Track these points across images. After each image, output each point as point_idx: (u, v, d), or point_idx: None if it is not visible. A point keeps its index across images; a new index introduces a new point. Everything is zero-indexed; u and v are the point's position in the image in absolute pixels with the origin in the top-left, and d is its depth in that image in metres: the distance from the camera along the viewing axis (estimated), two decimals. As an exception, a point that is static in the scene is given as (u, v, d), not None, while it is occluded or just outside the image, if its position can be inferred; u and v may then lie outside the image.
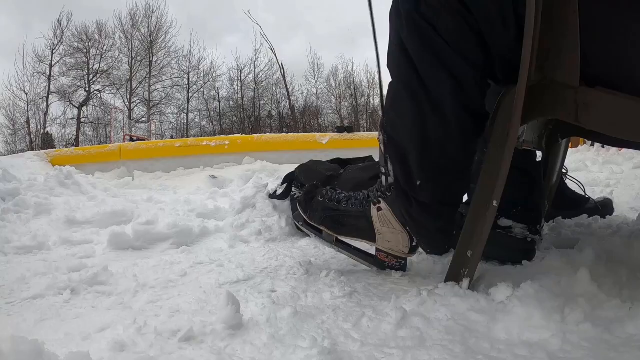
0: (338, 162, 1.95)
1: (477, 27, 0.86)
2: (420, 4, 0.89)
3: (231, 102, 27.69)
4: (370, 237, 1.08)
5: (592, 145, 4.16)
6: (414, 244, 1.06)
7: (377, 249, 1.11)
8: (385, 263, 1.11)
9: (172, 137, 23.75)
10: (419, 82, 0.92)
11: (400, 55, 0.93)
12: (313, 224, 1.15)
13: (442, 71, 0.89)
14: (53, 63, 23.83)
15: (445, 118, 0.92)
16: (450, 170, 0.98)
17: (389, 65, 0.98)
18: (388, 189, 1.05)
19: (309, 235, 1.24)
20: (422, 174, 0.97)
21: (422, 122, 0.94)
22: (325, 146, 5.17)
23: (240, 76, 27.48)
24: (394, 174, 1.02)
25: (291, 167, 1.94)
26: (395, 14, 0.94)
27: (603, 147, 3.93)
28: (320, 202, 1.14)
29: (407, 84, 0.94)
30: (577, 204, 1.66)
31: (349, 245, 1.18)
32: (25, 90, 23.65)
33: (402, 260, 1.10)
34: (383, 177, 1.05)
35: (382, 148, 1.04)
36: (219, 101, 27.48)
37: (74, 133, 24.52)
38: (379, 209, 1.06)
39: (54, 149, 7.85)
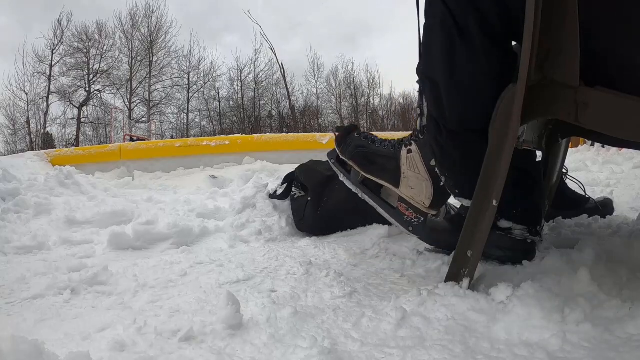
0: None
1: None
2: None
3: (231, 102, 27.73)
4: (395, 179, 1.08)
5: (592, 145, 4.16)
6: (437, 199, 1.05)
7: (399, 201, 1.10)
8: (405, 217, 1.10)
9: (172, 137, 23.77)
10: (448, 14, 0.93)
11: None
12: (344, 158, 1.16)
13: (468, 4, 0.90)
14: (53, 63, 23.86)
15: (472, 42, 0.92)
16: (476, 91, 0.97)
17: (425, 10, 1.00)
18: (422, 131, 1.05)
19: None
20: (450, 98, 0.97)
21: (450, 47, 0.94)
22: (326, 146, 5.17)
23: (241, 76, 27.52)
24: (427, 108, 1.01)
25: (291, 167, 1.94)
26: None
27: (603, 147, 3.93)
28: (356, 138, 1.16)
29: (436, 17, 0.95)
30: (577, 204, 1.65)
31: (373, 192, 1.17)
32: (26, 90, 23.69)
33: (421, 216, 1.09)
34: (417, 121, 1.06)
35: (419, 90, 1.04)
36: (219, 101, 27.50)
37: (74, 133, 24.53)
38: (409, 151, 1.07)
39: (54, 149, 7.85)
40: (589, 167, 3.37)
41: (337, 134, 1.22)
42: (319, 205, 1.65)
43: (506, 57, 0.95)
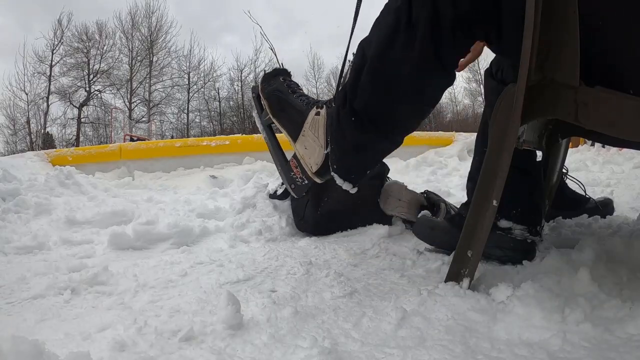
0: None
1: None
2: None
3: (231, 102, 27.71)
4: (295, 134, 1.09)
5: (593, 145, 4.16)
6: (324, 169, 1.06)
7: (292, 156, 1.12)
8: (292, 173, 1.12)
9: (172, 137, 23.76)
10: (407, 1, 0.92)
11: None
12: (262, 95, 1.18)
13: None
14: (53, 63, 23.85)
15: (414, 41, 0.91)
16: (394, 93, 0.96)
17: None
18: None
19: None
20: (368, 85, 0.97)
21: (393, 35, 0.93)
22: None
23: (241, 76, 27.51)
24: (348, 77, 1.02)
25: (291, 167, 1.94)
26: None
27: (603, 146, 3.92)
28: (280, 82, 1.17)
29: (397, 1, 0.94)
30: (577, 204, 1.66)
31: (275, 139, 1.20)
32: (26, 91, 23.68)
33: (306, 180, 1.10)
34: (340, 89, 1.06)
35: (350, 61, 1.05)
36: (219, 101, 27.49)
37: (74, 133, 24.53)
38: (317, 114, 1.07)
39: (54, 149, 7.84)
40: (589, 167, 3.37)
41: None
42: (319, 205, 1.64)
43: (440, 71, 0.94)
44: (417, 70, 0.93)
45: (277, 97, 1.15)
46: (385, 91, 0.97)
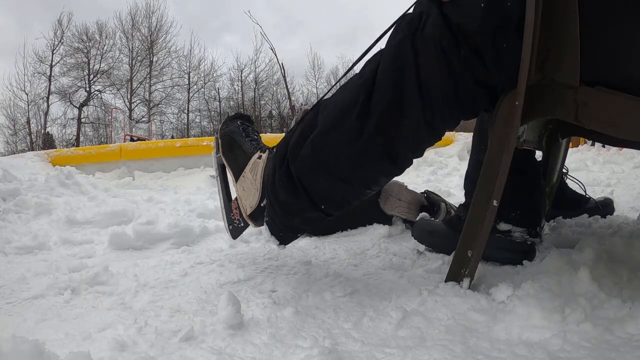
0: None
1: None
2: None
3: (232, 102, 27.71)
4: (237, 174, 1.12)
5: (593, 144, 4.15)
6: (258, 214, 1.07)
7: (235, 197, 1.14)
8: (232, 214, 1.14)
9: (172, 137, 23.77)
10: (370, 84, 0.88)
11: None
12: (218, 134, 1.22)
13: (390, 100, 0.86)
14: (53, 63, 23.88)
15: (363, 130, 0.88)
16: (334, 173, 0.93)
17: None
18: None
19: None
20: (309, 157, 0.94)
21: (347, 113, 0.90)
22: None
23: (241, 76, 27.53)
24: (293, 135, 1.00)
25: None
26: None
27: (603, 146, 3.92)
28: (238, 125, 1.21)
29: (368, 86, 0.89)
30: (577, 204, 1.66)
31: (225, 179, 1.23)
32: (26, 91, 23.71)
33: (242, 223, 1.12)
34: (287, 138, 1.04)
35: (305, 111, 1.04)
36: (220, 101, 27.50)
37: (75, 133, 24.54)
38: (259, 157, 1.09)
39: (55, 149, 7.84)
40: (589, 167, 3.37)
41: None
42: (319, 205, 1.65)
43: (388, 165, 0.91)
44: (362, 158, 0.90)
45: (229, 138, 1.19)
46: (324, 169, 0.93)
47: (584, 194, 1.70)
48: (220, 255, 1.40)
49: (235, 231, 1.16)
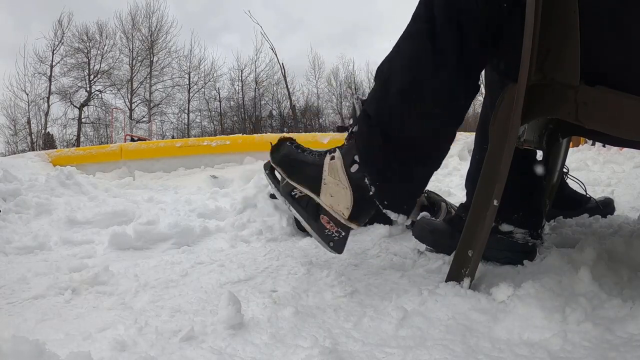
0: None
1: None
2: None
3: (232, 102, 27.76)
4: (316, 186, 1.06)
5: (593, 144, 4.15)
6: (358, 211, 1.02)
7: (321, 212, 1.07)
8: (326, 230, 1.06)
9: (173, 137, 23.78)
10: (431, 20, 0.91)
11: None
12: (272, 163, 1.15)
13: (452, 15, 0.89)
14: (54, 63, 23.90)
15: (445, 63, 0.91)
16: (430, 115, 0.96)
17: (413, 14, 0.97)
18: (347, 138, 1.04)
19: (271, 187, 1.21)
20: (399, 110, 0.96)
21: (421, 58, 0.93)
22: (326, 146, 5.13)
23: (241, 76, 27.54)
24: (372, 112, 1.00)
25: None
26: None
27: (604, 146, 3.92)
28: (287, 146, 1.15)
29: (419, 22, 0.94)
30: (578, 204, 1.65)
31: (299, 204, 1.13)
32: (26, 91, 23.73)
33: (342, 230, 1.06)
34: (348, 132, 1.03)
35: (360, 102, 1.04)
36: (220, 101, 27.52)
37: (75, 133, 24.57)
38: (332, 158, 1.05)
39: (55, 149, 7.85)
40: (589, 167, 3.37)
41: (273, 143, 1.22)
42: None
43: (471, 88, 0.95)
44: (449, 90, 0.93)
45: (287, 160, 1.12)
46: (421, 115, 0.95)
47: (584, 193, 1.69)
48: (221, 255, 1.40)
49: (339, 244, 1.06)
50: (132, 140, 13.44)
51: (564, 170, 1.60)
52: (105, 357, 0.72)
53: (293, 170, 1.10)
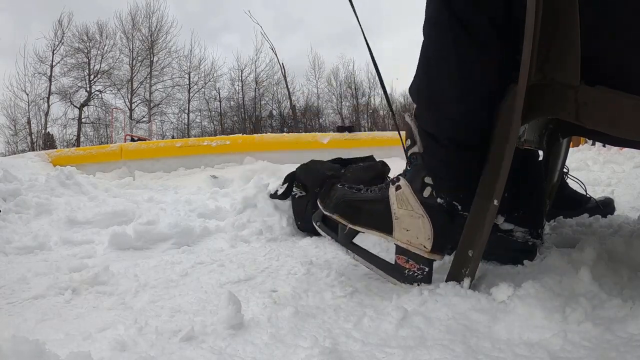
0: (339, 161, 1.95)
1: None
2: None
3: (232, 102, 27.76)
4: (387, 225, 0.94)
5: (593, 144, 4.15)
6: (441, 240, 0.93)
7: (396, 253, 0.98)
8: (406, 271, 0.96)
9: (173, 137, 23.79)
10: (453, 15, 0.85)
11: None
12: (327, 212, 1.03)
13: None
14: (54, 63, 23.89)
15: (478, 38, 0.85)
16: (479, 90, 0.89)
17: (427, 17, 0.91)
18: (410, 162, 0.96)
19: (318, 235, 1.10)
20: (450, 105, 0.89)
21: (456, 49, 0.87)
22: (326, 146, 5.17)
23: (241, 76, 27.54)
24: (432, 128, 0.92)
25: (292, 167, 1.94)
26: None
27: (604, 146, 3.92)
28: (339, 188, 1.03)
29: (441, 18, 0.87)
30: (578, 203, 1.65)
31: (366, 251, 1.05)
32: (26, 91, 23.72)
33: (424, 266, 0.96)
34: (409, 153, 0.95)
35: (411, 119, 0.96)
36: (220, 101, 27.52)
37: (75, 133, 24.57)
38: (398, 187, 0.95)
39: (55, 149, 7.86)
40: (590, 167, 3.37)
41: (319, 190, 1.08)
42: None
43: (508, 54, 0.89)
44: (494, 70, 0.87)
45: (344, 203, 1.00)
46: (473, 101, 0.89)
47: (584, 193, 1.70)
48: (221, 255, 1.41)
49: (425, 280, 0.97)
50: (132, 140, 13.44)
51: (564, 170, 1.60)
52: (105, 357, 0.72)
53: (354, 214, 0.99)
